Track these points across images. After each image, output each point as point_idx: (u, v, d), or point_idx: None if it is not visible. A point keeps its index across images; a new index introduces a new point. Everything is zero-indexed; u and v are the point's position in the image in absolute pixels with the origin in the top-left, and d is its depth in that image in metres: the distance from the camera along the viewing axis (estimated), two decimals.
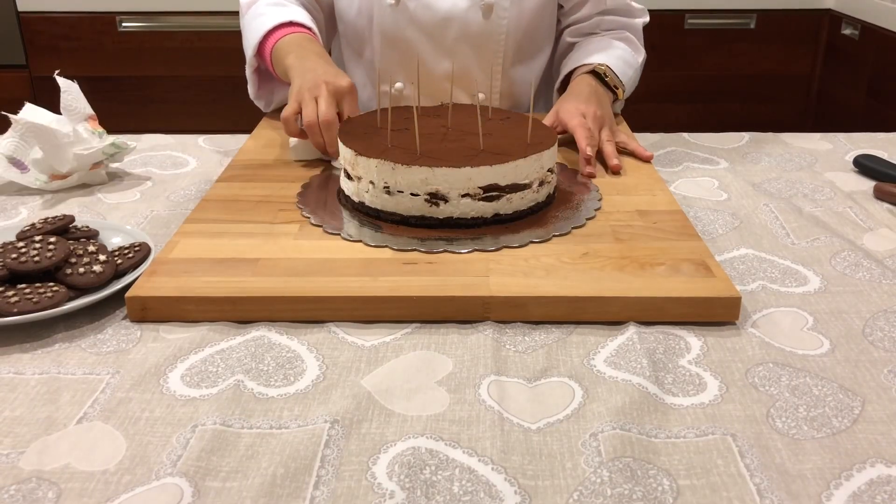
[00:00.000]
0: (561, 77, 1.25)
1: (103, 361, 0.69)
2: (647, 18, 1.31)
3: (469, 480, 0.56)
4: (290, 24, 1.16)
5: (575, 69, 1.21)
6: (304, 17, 1.19)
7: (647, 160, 1.06)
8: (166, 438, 0.60)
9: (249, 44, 1.18)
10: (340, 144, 0.91)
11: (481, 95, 1.25)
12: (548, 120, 1.10)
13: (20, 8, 2.21)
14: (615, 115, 1.22)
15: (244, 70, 1.21)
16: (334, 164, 1.04)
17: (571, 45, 1.29)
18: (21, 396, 0.64)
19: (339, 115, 1.03)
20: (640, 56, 1.27)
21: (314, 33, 1.17)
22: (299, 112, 1.02)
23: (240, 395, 0.65)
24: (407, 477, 0.56)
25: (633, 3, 1.29)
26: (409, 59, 1.22)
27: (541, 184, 0.89)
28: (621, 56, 1.22)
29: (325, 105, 1.00)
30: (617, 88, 1.17)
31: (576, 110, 1.08)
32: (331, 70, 1.06)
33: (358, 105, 1.06)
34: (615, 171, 1.02)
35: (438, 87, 1.24)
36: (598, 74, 1.17)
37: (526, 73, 1.30)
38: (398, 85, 1.27)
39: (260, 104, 1.26)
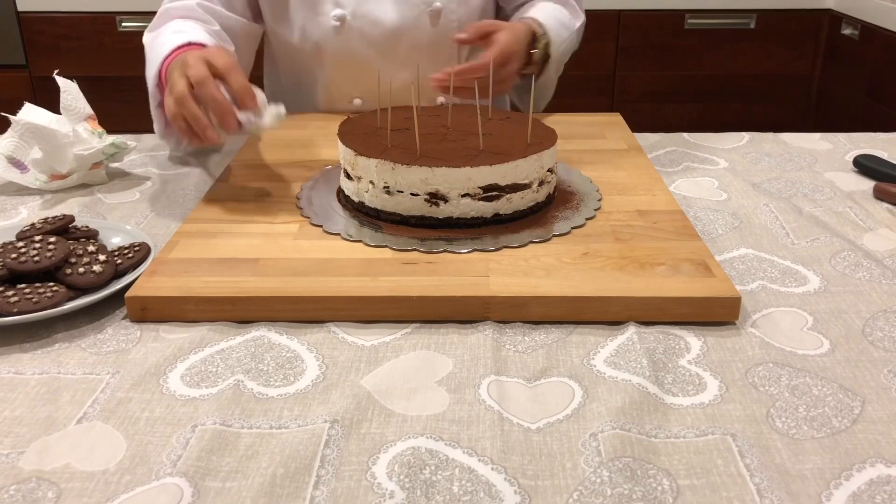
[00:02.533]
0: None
1: (103, 361, 0.69)
2: None
3: (469, 480, 0.56)
4: (189, 45, 1.01)
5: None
6: (205, 37, 1.05)
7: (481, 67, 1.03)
8: (166, 438, 0.60)
9: (150, 74, 1.02)
10: (340, 144, 0.91)
11: (441, 99, 1.24)
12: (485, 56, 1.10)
13: (20, 8, 2.21)
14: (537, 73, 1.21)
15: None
16: (254, 129, 0.86)
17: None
18: (21, 396, 0.64)
19: (221, 78, 0.86)
20: (578, 20, 1.27)
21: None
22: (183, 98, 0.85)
23: (240, 395, 0.65)
24: (407, 477, 0.56)
25: None
26: (364, 77, 1.21)
27: (541, 184, 0.89)
28: (558, 18, 1.21)
29: (194, 67, 0.85)
30: (529, 65, 1.15)
31: (513, 41, 1.09)
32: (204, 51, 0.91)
33: (232, 59, 0.87)
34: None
35: (399, 99, 1.16)
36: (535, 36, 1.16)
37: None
38: (356, 101, 1.26)
39: (170, 143, 1.11)
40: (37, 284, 0.74)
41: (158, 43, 1.06)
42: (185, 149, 1.15)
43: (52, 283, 0.74)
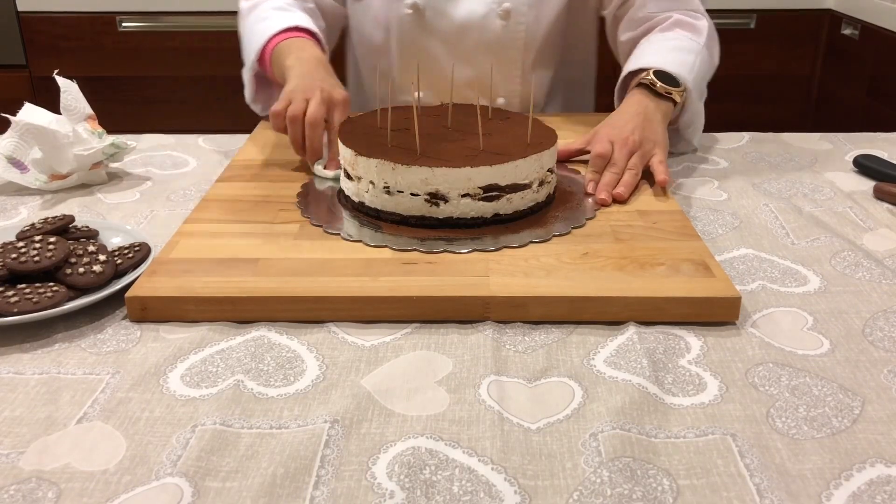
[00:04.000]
0: (617, 86, 1.16)
1: (103, 361, 0.69)
2: None
3: (469, 480, 0.56)
4: (295, 28, 1.15)
5: (631, 78, 1.12)
6: (308, 22, 1.18)
7: (659, 184, 0.96)
8: (166, 438, 0.60)
9: (252, 47, 1.16)
10: (340, 144, 0.91)
11: (501, 100, 1.25)
12: (582, 140, 1.05)
13: (20, 8, 2.21)
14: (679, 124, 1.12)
15: (243, 71, 1.21)
16: (318, 172, 1.01)
17: (630, 47, 1.21)
18: (21, 396, 0.64)
19: (327, 123, 1.01)
20: (702, 36, 1.15)
21: (318, 40, 1.17)
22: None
23: (240, 395, 0.65)
24: (407, 477, 0.56)
25: None
26: (429, 68, 1.23)
27: (541, 184, 0.89)
28: (676, 46, 1.12)
29: (314, 106, 0.99)
30: (671, 94, 1.06)
31: (605, 136, 1.01)
32: (328, 79, 1.05)
33: (346, 116, 1.02)
34: (616, 199, 0.94)
35: (459, 94, 1.23)
36: (648, 86, 1.07)
37: (547, 78, 1.28)
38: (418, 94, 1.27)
39: (256, 108, 1.24)
40: (37, 284, 0.74)
41: (261, 17, 1.18)
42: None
43: (52, 283, 0.74)
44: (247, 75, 1.20)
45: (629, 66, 1.13)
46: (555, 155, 0.92)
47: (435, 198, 0.85)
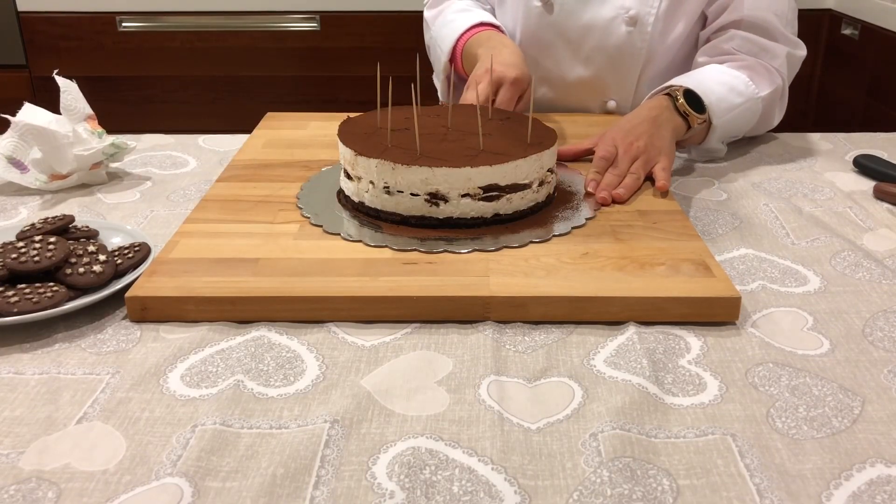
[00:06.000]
0: (648, 95, 1.13)
1: (103, 361, 0.69)
2: (797, 51, 1.18)
3: (469, 480, 0.56)
4: (480, 24, 1.22)
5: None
6: (491, 18, 1.26)
7: (658, 189, 0.95)
8: (166, 438, 0.60)
9: (443, 48, 1.24)
10: (340, 144, 0.91)
11: (612, 103, 1.26)
12: (589, 141, 1.05)
13: (20, 8, 2.21)
14: (702, 147, 1.12)
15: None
16: None
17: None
18: (21, 396, 0.64)
19: (497, 86, 1.07)
20: (764, 90, 1.14)
21: (502, 31, 1.24)
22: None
23: (240, 395, 0.65)
24: (407, 477, 0.56)
25: (778, 24, 1.16)
26: (546, 62, 1.25)
27: (541, 184, 0.89)
28: (726, 82, 1.11)
29: (479, 92, 1.03)
30: (688, 115, 1.05)
31: (611, 140, 1.00)
32: (509, 59, 1.09)
33: (515, 96, 1.07)
34: (615, 200, 0.93)
35: (570, 93, 1.26)
36: (671, 98, 1.06)
37: None
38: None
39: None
40: (37, 284, 0.74)
41: (447, 21, 1.26)
42: None
43: (52, 283, 0.74)
44: (438, 80, 1.28)
45: (674, 80, 1.11)
46: (555, 155, 0.92)
47: (435, 198, 0.85)
